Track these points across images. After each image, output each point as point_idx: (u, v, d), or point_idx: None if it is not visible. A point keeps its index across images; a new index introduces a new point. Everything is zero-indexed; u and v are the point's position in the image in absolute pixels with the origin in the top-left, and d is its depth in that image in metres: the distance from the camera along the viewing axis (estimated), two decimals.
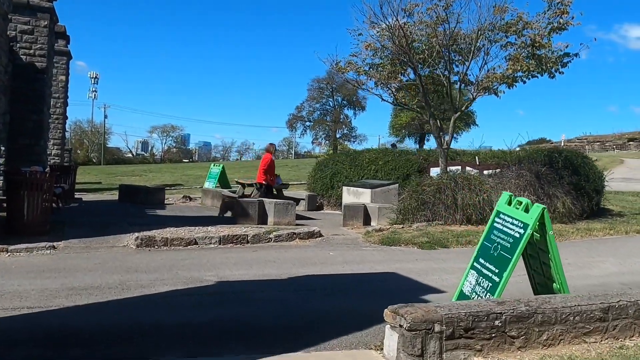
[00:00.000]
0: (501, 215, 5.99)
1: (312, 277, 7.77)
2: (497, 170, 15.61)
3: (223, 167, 25.23)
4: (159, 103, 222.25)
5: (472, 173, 17.51)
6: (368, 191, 15.72)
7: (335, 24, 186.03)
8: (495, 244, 5.82)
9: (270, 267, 8.33)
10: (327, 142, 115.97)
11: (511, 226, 5.69)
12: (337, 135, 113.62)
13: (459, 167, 18.39)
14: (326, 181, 19.22)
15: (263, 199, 13.06)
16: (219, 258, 8.97)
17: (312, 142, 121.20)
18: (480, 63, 12.85)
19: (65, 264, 8.07)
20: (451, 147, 15.71)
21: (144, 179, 33.15)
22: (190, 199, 18.89)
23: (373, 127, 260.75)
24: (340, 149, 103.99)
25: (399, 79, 13.17)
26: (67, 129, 28.06)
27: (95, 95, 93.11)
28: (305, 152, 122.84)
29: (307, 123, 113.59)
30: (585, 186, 14.34)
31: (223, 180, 25.60)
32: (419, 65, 12.67)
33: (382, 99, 13.37)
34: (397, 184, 16.22)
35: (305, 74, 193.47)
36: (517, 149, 18.29)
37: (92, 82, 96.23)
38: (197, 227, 11.46)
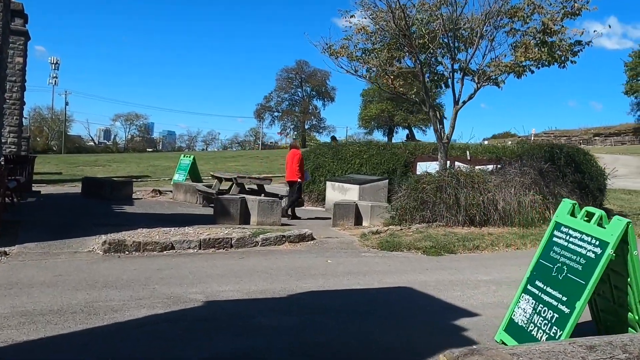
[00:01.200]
0: (563, 229, 4.89)
1: (315, 295, 6.59)
2: (490, 166, 14.67)
3: (194, 159, 23.82)
4: (123, 91, 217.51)
5: (463, 169, 16.60)
6: (356, 187, 14.58)
7: (306, 16, 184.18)
8: (559, 265, 4.73)
9: (263, 280, 7.11)
10: (295, 132, 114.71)
11: (581, 243, 4.60)
12: (306, 126, 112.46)
13: (447, 162, 17.42)
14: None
15: (247, 196, 11.79)
16: (202, 267, 7.71)
17: (278, 133, 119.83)
18: (483, 51, 11.81)
19: (18, 277, 6.72)
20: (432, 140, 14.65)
21: (108, 169, 31.40)
22: (161, 192, 17.46)
23: (342, 119, 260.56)
24: (316, 142, 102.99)
25: (396, 66, 12.01)
26: (25, 116, 26.14)
27: (55, 81, 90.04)
28: (271, 142, 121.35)
29: (276, 113, 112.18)
30: (590, 185, 13.49)
31: (194, 173, 24.17)
32: (419, 52, 11.54)
33: (380, 87, 12.18)
34: (387, 180, 15.13)
35: (274, 63, 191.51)
36: (509, 143, 17.38)
37: (53, 67, 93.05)
38: (172, 228, 10.17)
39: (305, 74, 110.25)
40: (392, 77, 11.86)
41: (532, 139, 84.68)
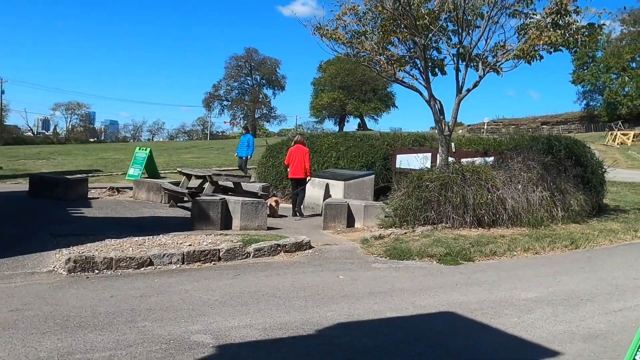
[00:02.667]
0: None
1: (347, 328, 5.32)
2: (477, 159, 13.68)
3: (150, 152, 22.15)
4: (63, 79, 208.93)
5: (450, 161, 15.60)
6: (340, 184, 13.34)
7: (251, 4, 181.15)
8: None
9: (276, 309, 5.79)
10: (245, 122, 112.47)
11: None
12: (256, 115, 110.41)
13: (428, 155, 16.46)
14: (281, 170, 16.63)
15: (228, 197, 10.37)
16: (195, 292, 6.32)
17: (225, 122, 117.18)
18: (486, 35, 10.71)
19: None
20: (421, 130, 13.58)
21: (53, 163, 29.07)
22: (119, 191, 15.74)
23: (293, 108, 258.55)
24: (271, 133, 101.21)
25: (390, 51, 10.77)
26: None
27: None
28: (218, 132, 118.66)
29: (225, 102, 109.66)
30: (592, 179, 12.65)
31: (151, 167, 22.46)
32: (420, 34, 10.31)
33: (379, 74, 10.94)
34: (373, 175, 13.96)
35: (222, 51, 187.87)
36: (497, 137, 16.48)
37: None
38: (145, 237, 8.70)
39: (255, 62, 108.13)
40: (392, 61, 10.64)
41: (485, 127, 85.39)
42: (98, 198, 14.65)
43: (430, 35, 10.41)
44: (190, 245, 8.35)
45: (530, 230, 10.46)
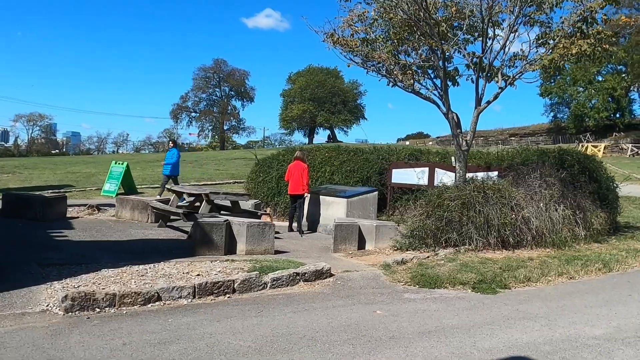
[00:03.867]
0: None
1: None
2: (480, 173, 13.05)
3: (127, 166, 21.09)
4: (23, 90, 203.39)
5: (450, 177, 14.98)
6: (342, 201, 12.55)
7: (216, 16, 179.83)
8: None
9: (320, 357, 4.94)
10: (214, 134, 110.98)
11: None
12: (225, 127, 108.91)
13: (425, 169, 15.83)
14: (272, 185, 15.78)
15: (231, 218, 9.46)
16: (220, 335, 5.42)
17: (191, 134, 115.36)
18: (502, 43, 10.05)
19: None
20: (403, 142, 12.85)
21: (20, 177, 27.57)
22: (99, 209, 14.63)
23: (262, 120, 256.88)
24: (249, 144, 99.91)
25: (403, 62, 10.04)
26: None
27: None
28: (185, 144, 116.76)
29: (193, 114, 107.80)
30: (609, 195, 12.12)
31: (128, 182, 21.36)
32: (439, 41, 9.60)
33: (395, 84, 10.17)
34: (376, 192, 13.21)
35: (189, 63, 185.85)
36: (498, 151, 15.95)
37: None
38: (145, 266, 7.77)
39: (223, 74, 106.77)
40: (410, 71, 9.90)
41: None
42: (78, 217, 13.56)
43: (451, 43, 9.71)
44: (198, 275, 7.44)
45: (555, 251, 9.82)
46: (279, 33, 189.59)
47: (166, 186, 13.63)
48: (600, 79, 76.63)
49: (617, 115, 76.39)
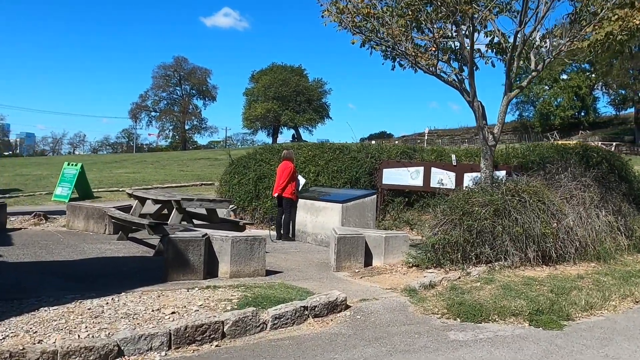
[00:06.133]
0: None
1: None
2: (475, 173, 11.44)
3: (82, 168, 18.85)
4: None
5: (449, 177, 13.35)
6: (336, 207, 10.74)
7: (175, 15, 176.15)
8: None
9: None
10: (174, 134, 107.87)
11: None
12: (187, 127, 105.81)
13: (420, 169, 14.16)
14: (249, 188, 13.86)
15: (211, 232, 7.53)
16: None
17: (150, 134, 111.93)
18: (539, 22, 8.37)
19: None
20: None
21: None
22: (47, 218, 12.49)
23: (225, 119, 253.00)
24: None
25: (427, 37, 8.27)
26: None
27: None
28: (144, 144, 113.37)
29: (153, 113, 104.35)
30: None
31: (82, 186, 19.10)
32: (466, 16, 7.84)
33: (416, 64, 8.38)
34: (375, 195, 11.44)
35: (148, 61, 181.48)
36: (503, 148, 14.43)
37: None
38: (102, 300, 5.85)
39: (184, 72, 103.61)
40: (433, 48, 8.10)
41: (426, 137, 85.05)
42: (21, 229, 11.45)
43: (482, 13, 7.97)
44: (174, 312, 5.55)
45: (601, 265, 8.23)
46: (238, 32, 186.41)
47: (127, 191, 11.66)
48: (565, 77, 76.71)
49: (582, 114, 76.69)
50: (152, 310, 5.57)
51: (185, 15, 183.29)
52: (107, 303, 5.72)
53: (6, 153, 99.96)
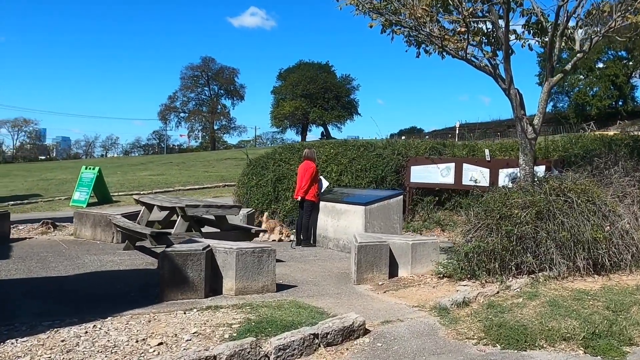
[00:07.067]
0: None
1: None
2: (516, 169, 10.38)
3: (99, 171, 18.26)
4: (7, 95, 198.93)
5: (483, 174, 12.34)
6: (359, 210, 9.85)
7: (202, 15, 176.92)
8: None
9: None
10: (204, 134, 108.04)
11: None
12: (215, 127, 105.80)
13: (451, 165, 13.23)
14: (267, 190, 13.03)
15: (214, 244, 6.71)
16: None
17: (181, 135, 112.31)
18: None
19: None
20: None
21: None
22: (55, 226, 11.87)
23: (254, 118, 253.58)
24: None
25: (447, 17, 7.31)
26: None
27: None
28: (175, 145, 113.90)
29: (182, 114, 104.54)
30: None
31: (100, 190, 18.57)
32: None
33: (445, 50, 7.42)
34: (401, 196, 10.48)
35: (176, 62, 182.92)
36: (541, 141, 13.26)
37: None
38: (80, 327, 5.08)
39: (212, 72, 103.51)
40: (463, 29, 7.13)
41: (457, 131, 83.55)
42: (25, 239, 10.82)
43: None
44: (160, 344, 4.74)
45: None
46: (265, 31, 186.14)
47: (134, 197, 10.93)
48: (601, 66, 74.22)
49: (620, 103, 74.06)
50: (136, 341, 4.76)
51: (213, 16, 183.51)
52: (87, 332, 4.94)
53: (42, 157, 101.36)
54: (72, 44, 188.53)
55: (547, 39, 7.63)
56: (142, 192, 20.57)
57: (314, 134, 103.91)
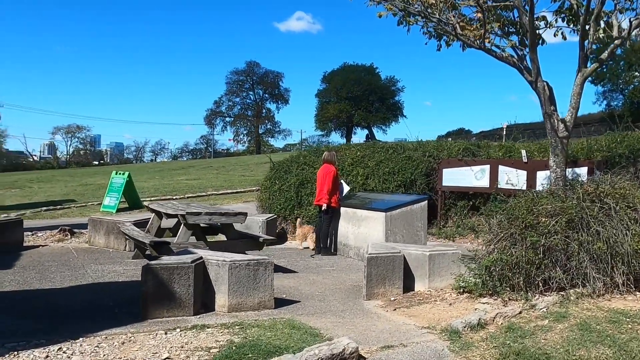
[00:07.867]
0: None
1: None
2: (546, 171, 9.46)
3: (129, 176, 18.05)
4: (62, 102, 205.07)
5: (519, 177, 11.50)
6: (379, 216, 9.18)
7: (248, 19, 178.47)
8: None
9: None
10: (249, 138, 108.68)
11: None
12: (260, 131, 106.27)
13: (485, 167, 12.38)
14: (290, 195, 12.48)
15: (206, 255, 6.16)
16: None
17: (230, 140, 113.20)
18: None
19: None
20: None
21: (25, 192, 25.08)
22: (72, 233, 11.60)
23: (298, 121, 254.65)
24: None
25: (462, 3, 6.59)
26: None
27: None
28: (222, 149, 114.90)
29: (227, 119, 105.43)
30: None
31: (130, 194, 18.38)
32: None
33: (460, 39, 6.72)
34: (426, 201, 9.75)
35: (222, 66, 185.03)
36: (583, 141, 12.37)
37: None
38: (46, 349, 4.59)
39: (256, 76, 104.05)
40: (479, 14, 6.43)
41: (504, 132, 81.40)
42: (39, 246, 10.56)
43: None
44: None
45: None
46: (311, 35, 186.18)
47: (145, 203, 10.52)
48: None
49: None
50: None
51: (260, 22, 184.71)
52: (47, 356, 4.45)
53: (95, 162, 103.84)
54: (122, 49, 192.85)
55: (581, 23, 6.80)
56: (174, 197, 20.38)
57: (359, 136, 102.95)
